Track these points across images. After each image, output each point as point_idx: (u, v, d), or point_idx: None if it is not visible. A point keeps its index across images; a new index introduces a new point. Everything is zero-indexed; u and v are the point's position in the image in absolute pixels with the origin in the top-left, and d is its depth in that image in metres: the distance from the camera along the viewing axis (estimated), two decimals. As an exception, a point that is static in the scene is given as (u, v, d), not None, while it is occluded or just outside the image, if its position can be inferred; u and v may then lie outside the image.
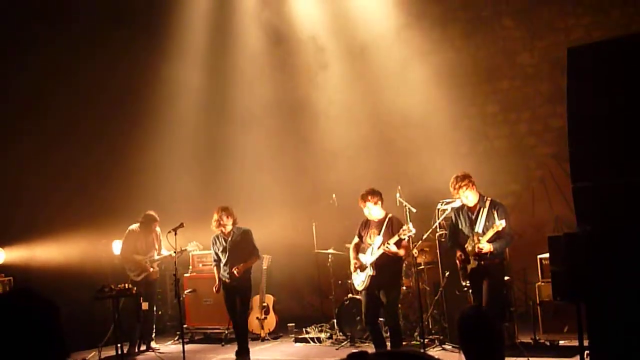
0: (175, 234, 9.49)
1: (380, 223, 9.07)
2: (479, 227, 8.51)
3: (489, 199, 8.66)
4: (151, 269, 11.19)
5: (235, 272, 9.87)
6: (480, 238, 8.41)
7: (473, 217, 8.64)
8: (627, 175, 5.36)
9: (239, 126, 13.56)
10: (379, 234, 9.00)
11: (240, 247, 10.12)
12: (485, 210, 8.55)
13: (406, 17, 12.34)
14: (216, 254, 10.23)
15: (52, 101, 12.00)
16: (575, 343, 6.72)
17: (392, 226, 8.98)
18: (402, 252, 8.94)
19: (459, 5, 12.49)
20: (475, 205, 8.67)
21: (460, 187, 8.57)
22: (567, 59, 5.69)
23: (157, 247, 11.33)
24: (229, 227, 10.07)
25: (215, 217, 10.07)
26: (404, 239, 8.84)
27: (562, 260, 5.92)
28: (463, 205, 8.82)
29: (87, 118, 12.43)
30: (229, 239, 10.12)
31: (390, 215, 9.12)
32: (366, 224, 9.28)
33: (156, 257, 11.24)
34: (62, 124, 12.06)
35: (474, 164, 11.63)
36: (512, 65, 12.08)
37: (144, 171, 12.75)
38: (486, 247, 8.36)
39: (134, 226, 11.20)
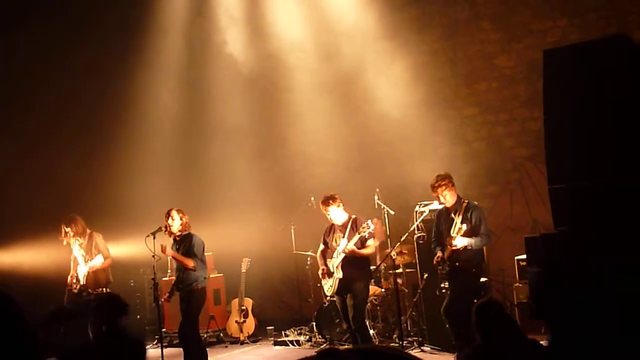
0: (154, 237, 9.30)
1: (344, 226, 9.15)
2: (454, 230, 8.55)
3: (465, 201, 8.70)
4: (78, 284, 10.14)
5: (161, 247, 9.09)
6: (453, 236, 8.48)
7: (450, 218, 8.70)
8: (602, 177, 5.39)
9: (216, 129, 13.51)
10: (343, 237, 9.06)
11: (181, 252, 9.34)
12: (461, 212, 8.60)
13: (384, 21, 12.36)
14: None
15: (30, 107, 11.91)
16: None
17: (355, 226, 9.04)
18: (366, 251, 8.98)
19: (437, 9, 12.52)
20: (452, 207, 8.72)
21: (439, 186, 8.63)
22: (543, 60, 5.72)
23: (82, 257, 10.21)
24: (175, 231, 9.37)
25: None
26: (365, 235, 8.87)
27: (539, 261, 5.95)
28: (444, 207, 8.88)
29: (63, 126, 12.37)
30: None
31: (353, 216, 9.19)
32: (331, 228, 9.36)
33: (82, 269, 10.15)
34: (33, 130, 11.97)
35: (452, 165, 11.65)
36: (490, 68, 12.12)
37: (122, 177, 12.68)
38: (460, 242, 8.40)
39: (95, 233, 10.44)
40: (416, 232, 9.69)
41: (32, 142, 11.98)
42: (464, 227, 8.44)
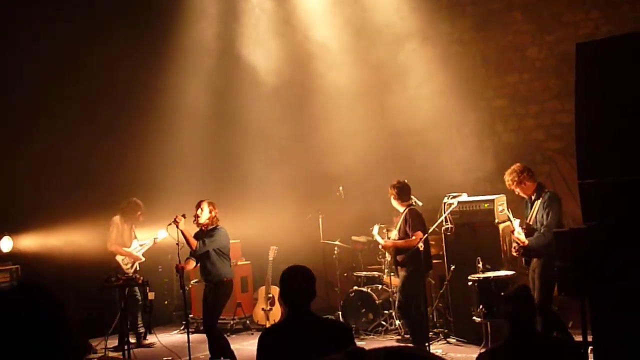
0: (177, 227, 9.30)
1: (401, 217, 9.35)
2: (530, 219, 8.50)
3: (547, 192, 8.60)
4: (142, 258, 11.41)
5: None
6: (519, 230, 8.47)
7: (529, 207, 8.65)
8: (633, 172, 5.37)
9: (246, 119, 13.54)
10: (395, 229, 9.36)
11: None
12: (539, 202, 8.51)
13: (414, 10, 12.30)
14: None
15: (63, 92, 12.02)
16: (580, 338, 6.74)
17: (405, 219, 9.32)
18: (401, 243, 9.44)
19: (469, -1, 12.46)
20: (530, 196, 8.67)
21: (508, 181, 8.72)
22: (576, 54, 5.70)
23: (135, 236, 11.50)
24: (202, 222, 9.49)
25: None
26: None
27: (568, 256, 5.94)
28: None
29: (96, 111, 12.45)
30: None
31: (407, 209, 9.34)
32: None
33: (139, 245, 11.41)
34: (71, 116, 12.10)
35: (481, 157, 11.64)
36: (521, 59, 12.04)
37: (152, 161, 12.78)
38: (522, 237, 8.41)
39: (116, 217, 11.30)
40: (444, 223, 9.68)
41: (68, 131, 12.10)
42: (516, 225, 8.44)
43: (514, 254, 8.68)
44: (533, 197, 8.66)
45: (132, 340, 10.89)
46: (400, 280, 9.44)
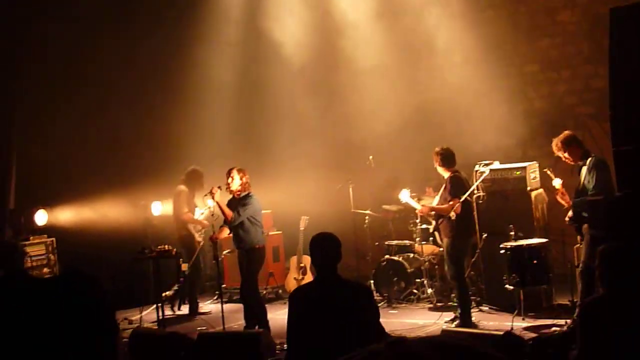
0: (213, 197, 9.44)
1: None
2: (580, 186, 8.38)
3: (592, 158, 8.36)
4: (208, 225, 11.21)
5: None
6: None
7: (578, 174, 8.51)
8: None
9: (276, 87, 13.51)
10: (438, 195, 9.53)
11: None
12: (585, 168, 8.36)
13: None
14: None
15: (92, 65, 12.07)
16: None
17: (445, 188, 9.30)
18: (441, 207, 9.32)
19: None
20: (578, 163, 8.51)
21: (560, 147, 8.54)
22: (610, 19, 5.59)
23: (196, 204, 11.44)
24: (234, 189, 9.57)
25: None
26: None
27: (602, 224, 5.88)
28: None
29: (125, 82, 12.46)
30: None
31: (450, 175, 9.27)
32: None
33: (202, 213, 11.27)
34: (101, 89, 12.16)
35: (512, 124, 11.52)
36: (552, 24, 11.86)
37: (182, 133, 12.84)
38: (566, 198, 8.46)
39: (182, 187, 11.19)
40: (475, 191, 9.60)
41: (98, 105, 12.18)
42: (556, 183, 8.58)
43: (567, 223, 8.56)
44: (580, 164, 8.48)
45: (168, 311, 11.06)
46: (445, 248, 9.38)
